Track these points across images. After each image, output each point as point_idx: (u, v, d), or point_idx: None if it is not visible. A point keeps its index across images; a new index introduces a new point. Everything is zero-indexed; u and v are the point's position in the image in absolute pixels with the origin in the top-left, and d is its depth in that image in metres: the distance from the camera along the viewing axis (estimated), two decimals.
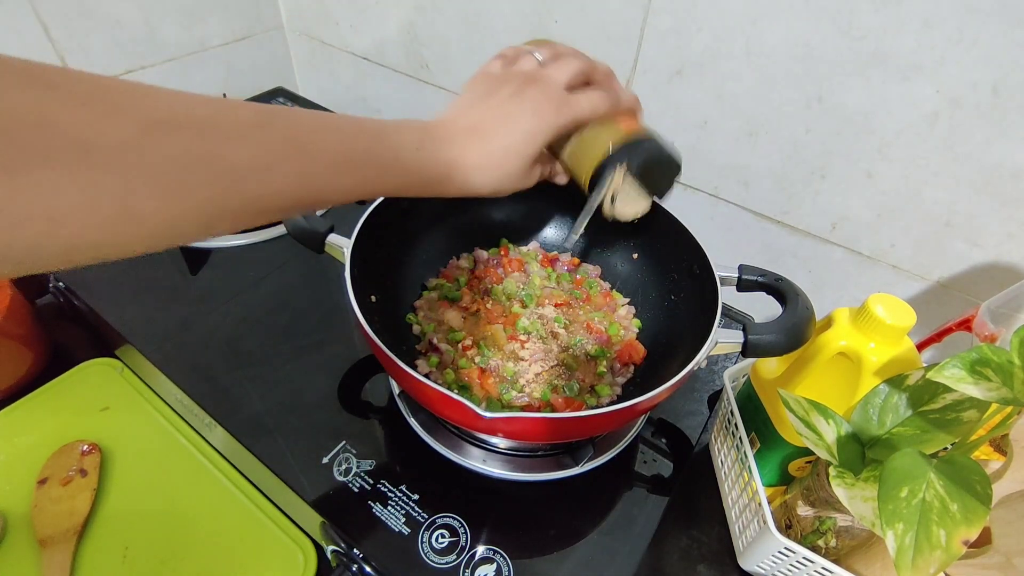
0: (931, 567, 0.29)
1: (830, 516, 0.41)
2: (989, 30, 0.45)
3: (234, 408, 0.56)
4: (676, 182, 0.44)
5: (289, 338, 0.63)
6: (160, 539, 0.54)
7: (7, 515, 0.54)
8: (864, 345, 0.40)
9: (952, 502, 0.30)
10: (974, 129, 0.50)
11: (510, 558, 0.47)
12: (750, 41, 0.56)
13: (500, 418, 0.38)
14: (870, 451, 0.37)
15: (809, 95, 0.56)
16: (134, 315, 0.63)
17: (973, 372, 0.31)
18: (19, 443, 0.59)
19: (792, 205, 0.64)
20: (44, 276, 0.71)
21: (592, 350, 0.56)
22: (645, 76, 0.65)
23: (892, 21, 0.49)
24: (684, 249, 0.54)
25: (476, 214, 0.64)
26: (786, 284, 0.47)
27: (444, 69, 0.83)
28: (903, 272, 0.60)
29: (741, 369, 0.56)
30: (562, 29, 0.68)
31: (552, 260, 0.64)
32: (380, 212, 0.53)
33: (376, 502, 0.49)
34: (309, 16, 0.95)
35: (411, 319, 0.58)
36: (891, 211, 0.57)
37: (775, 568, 0.45)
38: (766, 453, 0.48)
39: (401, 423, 0.55)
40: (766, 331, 0.43)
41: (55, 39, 0.74)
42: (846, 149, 0.57)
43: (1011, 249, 0.53)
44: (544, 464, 0.53)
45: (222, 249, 0.72)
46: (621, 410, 0.41)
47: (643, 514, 0.51)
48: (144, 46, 0.83)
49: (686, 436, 0.59)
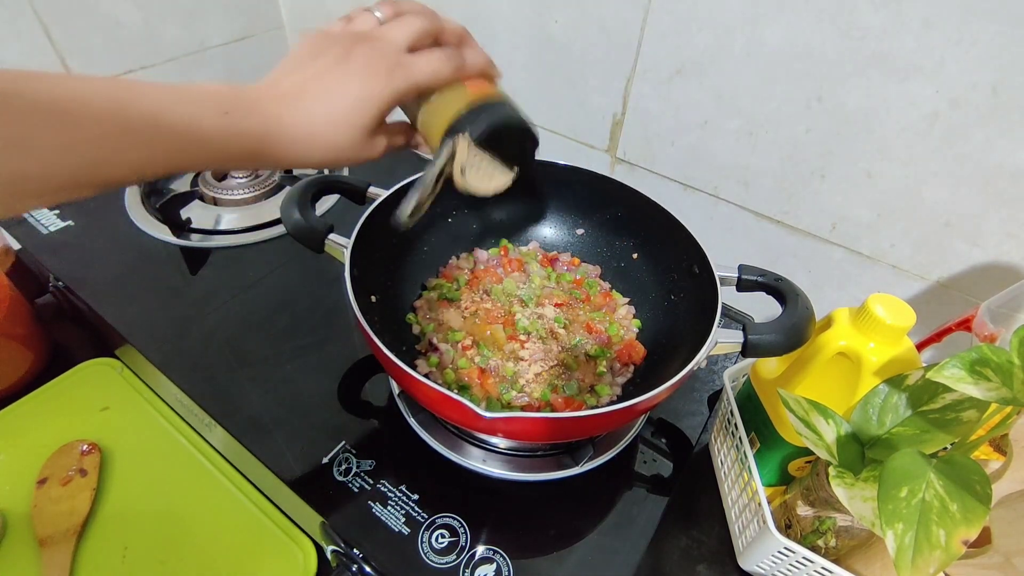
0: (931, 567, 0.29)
1: (830, 516, 0.41)
2: (989, 30, 0.45)
3: (234, 408, 0.56)
4: (533, 153, 0.40)
5: (289, 338, 0.63)
6: (160, 539, 0.54)
7: (7, 515, 0.54)
8: (864, 345, 0.40)
9: (952, 502, 0.30)
10: (974, 129, 0.50)
11: (510, 558, 0.47)
12: (750, 41, 0.56)
13: (500, 418, 0.38)
14: (870, 451, 0.37)
15: (809, 95, 0.56)
16: (134, 315, 0.63)
17: (973, 372, 0.31)
18: (19, 443, 0.59)
19: (792, 205, 0.64)
20: (44, 276, 0.71)
21: (592, 350, 0.56)
22: (645, 76, 0.65)
23: (892, 21, 0.49)
24: (684, 249, 0.54)
25: (476, 214, 0.64)
26: (786, 284, 0.47)
27: None
28: (903, 272, 0.60)
29: (741, 369, 0.56)
30: (562, 29, 0.68)
31: (552, 260, 0.64)
32: (380, 212, 0.53)
33: (376, 502, 0.49)
34: (309, 16, 0.95)
35: (411, 319, 0.58)
36: (891, 211, 0.57)
37: (775, 568, 0.45)
38: (766, 453, 0.48)
39: (401, 423, 0.55)
40: (766, 331, 0.43)
41: (55, 39, 0.74)
42: (846, 149, 0.57)
43: (1011, 249, 0.53)
44: (544, 464, 0.53)
45: (222, 249, 0.72)
46: (621, 410, 0.41)
47: (643, 514, 0.51)
48: (144, 46, 0.83)
49: (686, 436, 0.59)
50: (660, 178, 0.72)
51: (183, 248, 0.72)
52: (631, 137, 0.71)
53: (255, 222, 0.75)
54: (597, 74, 0.69)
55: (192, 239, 0.72)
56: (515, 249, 0.65)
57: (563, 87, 0.73)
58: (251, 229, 0.74)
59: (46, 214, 0.73)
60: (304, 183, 0.53)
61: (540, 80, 0.75)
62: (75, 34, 0.75)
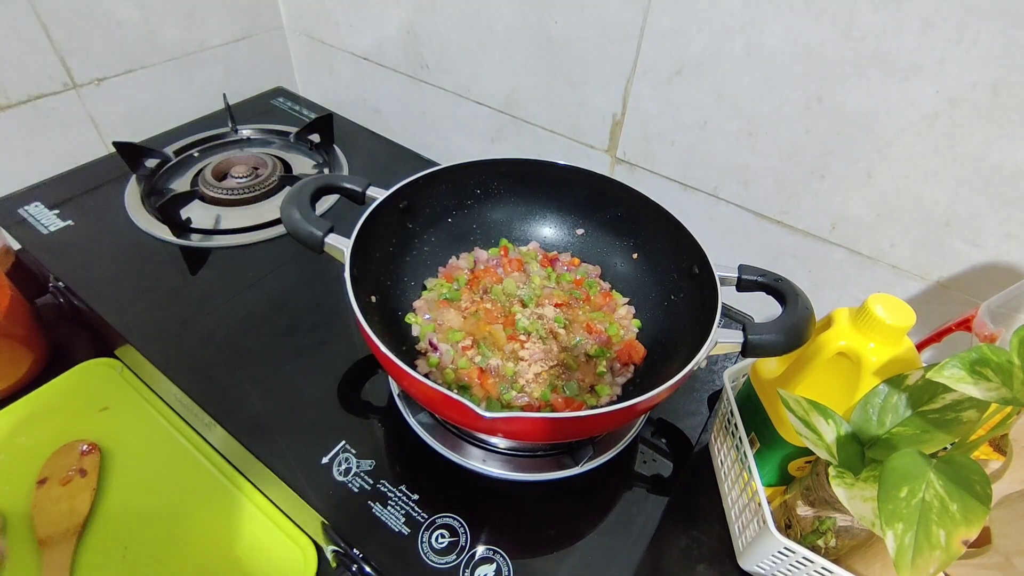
0: (931, 567, 0.29)
1: (830, 516, 0.41)
2: (989, 30, 0.45)
3: (234, 408, 0.56)
4: None
5: (289, 338, 0.63)
6: (160, 539, 0.54)
7: (7, 515, 0.54)
8: (864, 345, 0.40)
9: (952, 502, 0.30)
10: (974, 129, 0.50)
11: (510, 558, 0.47)
12: (750, 41, 0.56)
13: (500, 418, 0.38)
14: (870, 451, 0.37)
15: (809, 95, 0.56)
16: (134, 315, 0.63)
17: (973, 372, 0.31)
18: (19, 443, 0.59)
19: (792, 205, 0.64)
20: (44, 276, 0.71)
21: (592, 350, 0.56)
22: (645, 76, 0.65)
23: (892, 21, 0.49)
24: (684, 249, 0.54)
25: (476, 214, 0.65)
26: (786, 284, 0.47)
27: (444, 69, 0.83)
28: (903, 272, 0.60)
29: (741, 369, 0.56)
30: (562, 29, 0.68)
31: (552, 260, 0.64)
32: (380, 212, 0.53)
33: (376, 502, 0.49)
34: (309, 16, 0.95)
35: (411, 319, 0.58)
36: (891, 211, 0.57)
37: (775, 568, 0.45)
38: (766, 453, 0.48)
39: (401, 423, 0.55)
40: (766, 331, 0.43)
41: (55, 39, 0.74)
42: (846, 149, 0.57)
43: (1011, 249, 0.53)
44: (544, 464, 0.53)
45: (222, 249, 0.72)
46: (621, 410, 0.41)
47: (643, 514, 0.51)
48: (144, 46, 0.83)
49: (686, 436, 0.59)
50: (660, 178, 0.72)
51: (183, 248, 0.72)
52: (631, 137, 0.71)
53: (255, 222, 0.75)
54: (597, 74, 0.69)
55: (192, 239, 0.72)
56: (515, 249, 0.65)
57: (563, 87, 0.73)
58: (251, 229, 0.74)
59: (46, 214, 0.73)
60: (304, 183, 0.53)
61: (540, 80, 0.75)
62: (75, 34, 0.75)
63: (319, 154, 0.89)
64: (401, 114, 0.96)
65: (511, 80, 0.77)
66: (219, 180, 0.80)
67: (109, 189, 0.77)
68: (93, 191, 0.77)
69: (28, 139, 0.76)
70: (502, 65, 0.77)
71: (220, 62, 0.93)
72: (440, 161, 0.88)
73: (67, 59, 0.76)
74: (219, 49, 0.92)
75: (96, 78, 0.79)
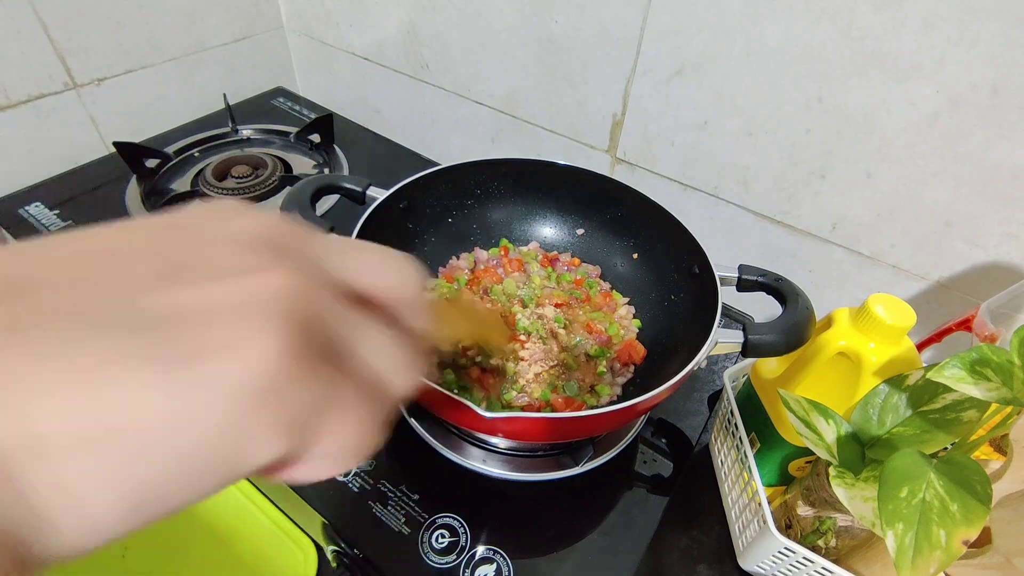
0: (931, 567, 0.29)
1: (830, 516, 0.41)
2: (989, 30, 0.45)
3: None
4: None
5: None
6: (160, 539, 0.54)
7: None
8: (864, 345, 0.40)
9: (952, 502, 0.30)
10: (974, 129, 0.50)
11: (510, 558, 0.47)
12: (750, 41, 0.56)
13: (500, 418, 0.38)
14: (870, 451, 0.37)
15: (809, 95, 0.56)
16: None
17: (973, 372, 0.31)
18: None
19: (792, 205, 0.64)
20: None
21: (592, 350, 0.55)
22: (645, 76, 0.65)
23: (892, 21, 0.49)
24: (684, 249, 0.54)
25: (476, 214, 0.64)
26: (786, 284, 0.47)
27: (444, 69, 0.83)
28: (903, 272, 0.60)
29: (741, 369, 0.56)
30: (562, 29, 0.68)
31: (552, 260, 0.64)
32: (380, 212, 0.53)
33: (376, 502, 0.49)
34: (309, 16, 0.95)
35: None
36: (891, 211, 0.57)
37: (775, 568, 0.45)
38: (766, 453, 0.48)
39: (401, 423, 0.55)
40: (766, 331, 0.43)
41: (55, 39, 0.74)
42: (846, 149, 0.57)
43: (1011, 249, 0.53)
44: (544, 464, 0.53)
45: None
46: (621, 410, 0.41)
47: (643, 514, 0.51)
48: (144, 46, 0.83)
49: (686, 436, 0.59)
50: (660, 178, 0.72)
51: None
52: (631, 137, 0.71)
53: None
54: (597, 74, 0.69)
55: None
56: (515, 249, 0.65)
57: (563, 87, 0.73)
58: None
59: (46, 214, 0.73)
60: (304, 183, 0.53)
61: (540, 80, 0.75)
62: (75, 34, 0.75)
63: (319, 154, 0.89)
64: (401, 114, 0.96)
65: (511, 80, 0.77)
66: (219, 180, 0.80)
67: (110, 189, 0.77)
68: (93, 191, 0.77)
69: (28, 139, 0.76)
70: (502, 65, 0.77)
71: (220, 62, 0.93)
72: (440, 161, 0.88)
73: (67, 59, 0.76)
74: (219, 49, 0.92)
75: (96, 78, 0.79)
